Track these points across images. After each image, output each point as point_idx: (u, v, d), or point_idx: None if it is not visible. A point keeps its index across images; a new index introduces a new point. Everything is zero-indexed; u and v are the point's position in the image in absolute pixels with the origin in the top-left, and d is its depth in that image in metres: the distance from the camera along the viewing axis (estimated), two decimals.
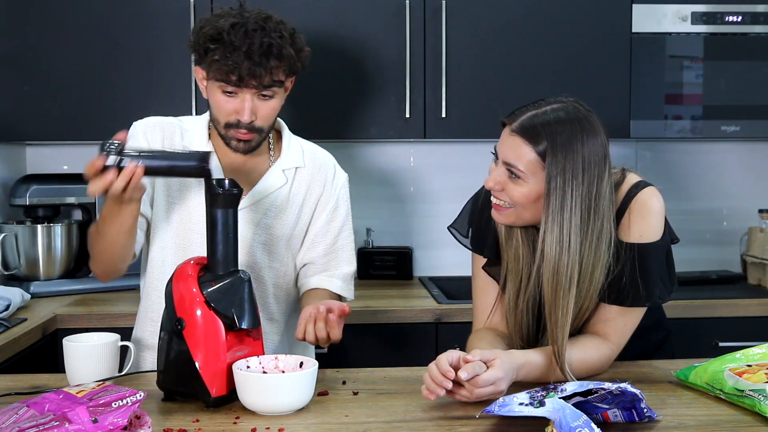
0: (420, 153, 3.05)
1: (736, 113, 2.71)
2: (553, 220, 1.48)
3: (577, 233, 1.47)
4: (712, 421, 1.35)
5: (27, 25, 2.57)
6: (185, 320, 1.42)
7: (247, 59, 1.63)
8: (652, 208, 1.56)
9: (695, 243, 3.07)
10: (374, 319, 2.41)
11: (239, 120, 1.70)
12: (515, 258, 1.61)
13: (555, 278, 1.48)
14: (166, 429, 1.31)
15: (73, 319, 2.33)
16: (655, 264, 1.57)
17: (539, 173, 1.49)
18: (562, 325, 1.49)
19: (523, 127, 1.50)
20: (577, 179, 1.47)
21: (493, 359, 1.39)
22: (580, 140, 1.48)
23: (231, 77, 1.66)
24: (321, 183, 1.89)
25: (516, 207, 1.53)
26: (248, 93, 1.68)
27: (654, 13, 2.67)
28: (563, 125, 1.49)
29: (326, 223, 1.89)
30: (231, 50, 1.64)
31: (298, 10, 2.59)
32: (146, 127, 1.82)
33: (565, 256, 1.47)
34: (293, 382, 1.38)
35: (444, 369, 1.36)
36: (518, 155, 1.50)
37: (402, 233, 3.03)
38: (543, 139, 1.48)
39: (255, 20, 1.66)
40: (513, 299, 1.62)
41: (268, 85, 1.68)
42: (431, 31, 2.64)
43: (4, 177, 2.77)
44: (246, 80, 1.66)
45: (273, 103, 1.72)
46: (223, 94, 1.70)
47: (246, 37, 1.64)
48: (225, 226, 1.46)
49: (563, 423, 1.18)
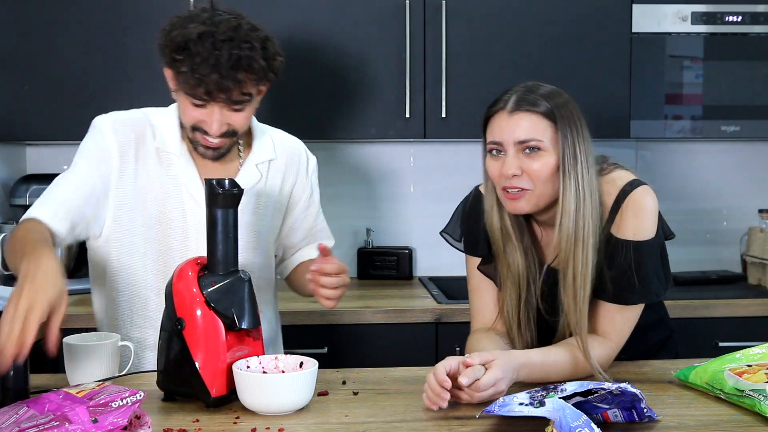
0: (420, 153, 3.05)
1: (736, 113, 2.71)
2: (569, 175, 1.52)
3: (588, 186, 1.52)
4: (712, 421, 1.35)
5: (27, 25, 2.57)
6: (185, 320, 1.42)
7: (214, 72, 1.55)
8: (645, 207, 1.57)
9: (695, 243, 3.07)
10: (374, 319, 2.41)
11: (207, 130, 1.65)
12: (513, 268, 1.62)
13: (574, 234, 1.52)
14: (166, 429, 1.31)
15: (73, 319, 2.33)
16: (650, 261, 1.58)
17: (552, 135, 1.53)
18: (579, 285, 1.52)
19: (520, 101, 1.54)
20: (581, 133, 1.54)
21: (492, 360, 1.39)
22: (567, 98, 1.57)
23: (198, 91, 1.59)
24: (294, 171, 1.89)
25: (536, 187, 1.54)
26: (217, 107, 1.62)
27: (654, 13, 2.67)
28: (548, 89, 1.57)
29: (304, 209, 1.92)
30: (198, 62, 1.55)
31: (298, 10, 2.59)
32: (115, 124, 1.73)
33: (582, 207, 1.52)
34: (293, 382, 1.38)
35: (440, 379, 1.36)
36: (529, 126, 1.53)
37: (402, 233, 3.03)
38: (544, 102, 1.53)
39: (224, 29, 1.57)
40: (514, 308, 1.63)
41: (236, 100, 1.61)
42: (431, 31, 2.64)
43: (4, 177, 2.78)
44: (214, 94, 1.59)
45: (244, 113, 1.66)
46: (191, 105, 1.63)
47: (214, 48, 1.55)
48: (225, 226, 1.46)
49: (563, 423, 1.18)
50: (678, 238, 1.69)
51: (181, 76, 1.60)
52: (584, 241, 1.52)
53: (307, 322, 2.35)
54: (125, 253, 1.76)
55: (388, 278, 2.92)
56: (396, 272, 2.93)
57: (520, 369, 1.44)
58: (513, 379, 1.43)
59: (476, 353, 1.42)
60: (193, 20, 1.61)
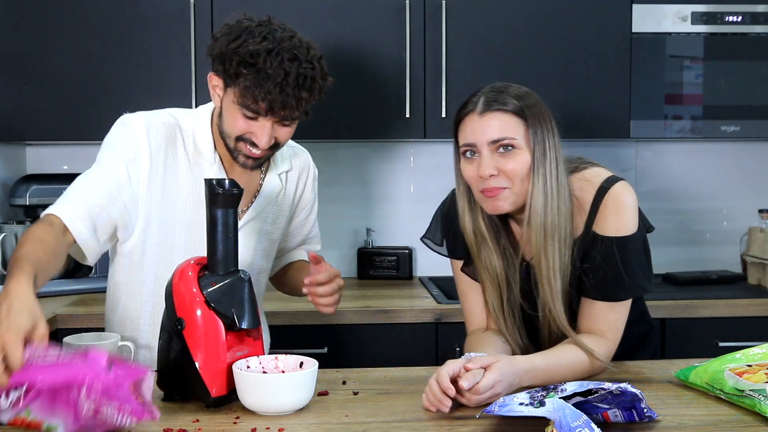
0: (420, 153, 3.05)
1: (736, 113, 2.71)
2: (537, 171, 1.53)
3: (558, 182, 1.54)
4: (712, 421, 1.35)
5: (27, 25, 2.57)
6: (185, 320, 1.42)
7: (280, 90, 1.56)
8: (625, 203, 1.59)
9: (695, 243, 3.07)
10: (374, 319, 2.41)
11: (254, 142, 1.65)
12: (491, 270, 1.64)
13: (543, 229, 1.54)
14: (166, 429, 1.31)
15: (73, 319, 2.33)
16: (634, 255, 1.59)
17: (524, 133, 1.54)
18: (552, 277, 1.55)
19: (488, 102, 1.56)
20: (549, 129, 1.56)
21: (492, 363, 1.39)
22: (541, 103, 1.58)
23: (260, 106, 1.59)
24: (303, 182, 1.93)
25: (513, 186, 1.55)
26: (269, 120, 1.62)
27: (654, 13, 2.67)
28: (522, 91, 1.58)
29: (305, 217, 1.97)
30: (264, 78, 1.56)
31: (298, 10, 2.59)
32: (150, 127, 1.70)
33: (550, 203, 1.54)
34: (293, 382, 1.38)
35: (445, 386, 1.36)
36: (501, 125, 1.54)
37: (402, 233, 3.03)
38: (514, 102, 1.55)
39: (289, 47, 1.58)
40: (498, 308, 1.65)
41: (294, 117, 1.64)
42: (431, 31, 2.64)
43: (4, 177, 2.78)
44: (275, 111, 1.60)
45: (291, 128, 1.68)
46: (242, 116, 1.63)
47: (281, 67, 1.56)
48: (225, 226, 1.45)
49: (563, 423, 1.18)
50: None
51: (243, 90, 1.58)
52: (553, 236, 1.55)
53: (307, 322, 2.36)
54: (152, 263, 1.73)
55: (388, 278, 2.93)
56: (396, 272, 2.93)
57: (522, 375, 1.44)
58: (514, 384, 1.43)
59: (478, 357, 1.42)
60: (253, 34, 1.60)
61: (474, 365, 1.38)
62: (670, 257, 3.01)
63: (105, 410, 1.20)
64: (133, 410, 1.22)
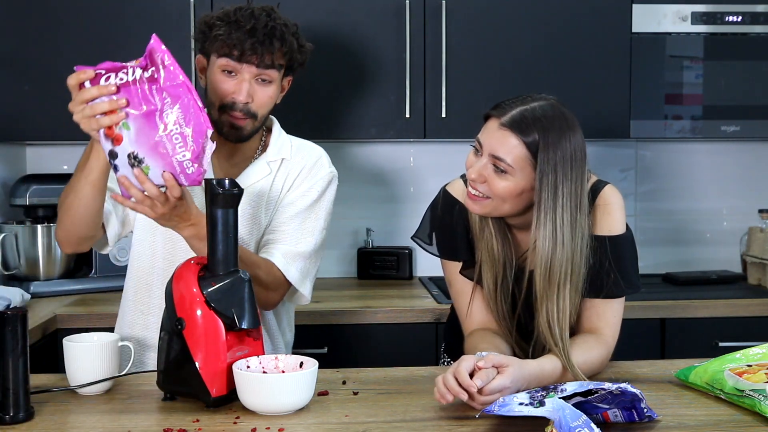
0: (420, 153, 3.05)
1: (736, 113, 2.71)
2: (545, 216, 1.51)
3: (568, 229, 1.52)
4: (712, 421, 1.35)
5: (27, 25, 2.57)
6: (185, 320, 1.42)
7: (250, 37, 1.68)
8: (615, 205, 1.63)
9: (695, 243, 3.07)
10: (374, 319, 2.41)
11: (235, 101, 1.72)
12: (489, 250, 1.64)
13: (548, 273, 1.52)
14: (166, 429, 1.31)
15: (73, 319, 2.33)
16: (627, 253, 1.63)
17: (527, 169, 1.51)
18: (561, 321, 1.52)
19: (514, 121, 1.52)
20: (567, 176, 1.51)
21: (506, 366, 1.39)
22: (568, 137, 1.52)
23: (233, 52, 1.69)
24: (298, 169, 1.85)
25: (494, 199, 1.55)
26: (247, 74, 1.71)
27: (654, 13, 2.67)
28: (552, 121, 1.52)
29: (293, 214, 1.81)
30: (236, 28, 1.69)
31: (298, 9, 2.59)
32: None
33: (559, 252, 1.51)
34: (293, 382, 1.38)
35: (466, 383, 1.34)
36: (508, 149, 1.51)
37: (402, 233, 3.03)
38: (534, 134, 1.50)
39: (262, 8, 1.73)
40: (492, 289, 1.65)
41: (268, 65, 1.71)
42: (431, 31, 2.64)
43: (4, 177, 2.78)
44: (247, 56, 1.69)
45: (270, 90, 1.75)
46: (221, 74, 1.73)
47: (252, 17, 1.70)
48: (225, 226, 1.45)
49: (563, 423, 1.18)
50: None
51: (217, 41, 1.71)
52: (559, 286, 1.52)
53: (307, 322, 2.35)
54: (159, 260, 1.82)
55: (388, 278, 2.93)
56: (396, 272, 2.93)
57: (531, 380, 1.43)
58: (522, 388, 1.41)
59: (491, 355, 1.41)
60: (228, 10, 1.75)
61: (486, 364, 1.38)
62: (670, 257, 3.01)
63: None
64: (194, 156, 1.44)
